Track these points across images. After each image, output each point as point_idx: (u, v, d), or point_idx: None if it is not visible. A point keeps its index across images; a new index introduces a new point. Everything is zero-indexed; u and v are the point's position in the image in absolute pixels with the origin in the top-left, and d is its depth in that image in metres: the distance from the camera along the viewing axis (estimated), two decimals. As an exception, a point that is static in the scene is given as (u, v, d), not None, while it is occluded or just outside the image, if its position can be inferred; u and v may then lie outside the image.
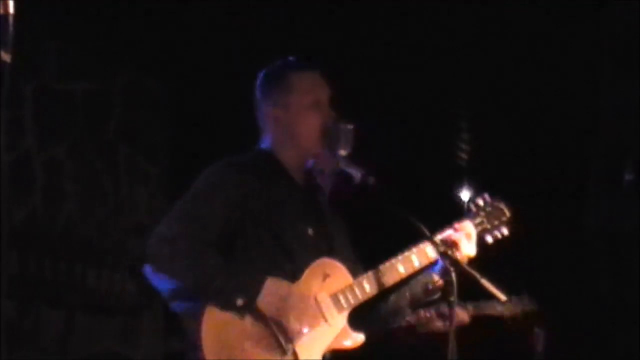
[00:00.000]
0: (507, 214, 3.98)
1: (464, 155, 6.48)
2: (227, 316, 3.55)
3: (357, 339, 3.75)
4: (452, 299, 3.47)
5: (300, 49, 4.19)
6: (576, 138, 6.15)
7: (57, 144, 6.35)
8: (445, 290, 3.59)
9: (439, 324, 4.54)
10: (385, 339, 4.03)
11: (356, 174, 3.72)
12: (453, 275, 3.49)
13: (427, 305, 4.00)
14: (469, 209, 3.94)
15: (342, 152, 3.77)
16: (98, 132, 6.62)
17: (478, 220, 3.93)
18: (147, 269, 3.64)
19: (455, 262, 3.54)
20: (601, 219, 6.12)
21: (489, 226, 3.93)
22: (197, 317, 3.55)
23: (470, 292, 3.73)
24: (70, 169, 6.41)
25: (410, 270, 3.78)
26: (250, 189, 3.71)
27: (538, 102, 6.12)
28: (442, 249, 3.63)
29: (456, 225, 3.84)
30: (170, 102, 6.85)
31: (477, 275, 3.51)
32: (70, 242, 6.32)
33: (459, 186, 6.07)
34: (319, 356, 3.67)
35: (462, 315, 4.18)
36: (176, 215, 3.66)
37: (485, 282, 3.55)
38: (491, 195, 3.99)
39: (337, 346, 3.71)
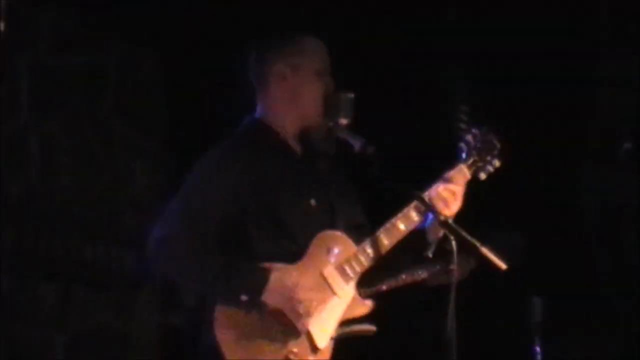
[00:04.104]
0: (497, 145, 3.94)
1: (462, 126, 6.45)
2: (238, 314, 3.55)
3: (366, 305, 3.76)
4: (452, 267, 3.47)
5: (298, 20, 4.19)
6: (572, 110, 6.14)
7: (53, 118, 6.33)
8: (445, 258, 3.59)
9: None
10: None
11: (356, 143, 3.73)
12: (453, 243, 3.49)
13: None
14: (461, 150, 3.91)
15: (343, 121, 3.78)
16: (94, 106, 6.60)
17: (471, 160, 3.90)
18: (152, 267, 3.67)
19: (455, 231, 3.53)
20: (596, 192, 6.13)
21: (481, 164, 3.90)
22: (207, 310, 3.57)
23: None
24: (66, 143, 6.39)
25: (411, 226, 3.77)
26: (254, 170, 3.69)
27: (534, 74, 6.10)
28: (442, 218, 3.62)
29: (446, 176, 3.83)
30: (166, 75, 6.82)
31: (478, 244, 3.50)
32: (66, 216, 6.31)
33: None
34: (333, 330, 3.67)
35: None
36: (173, 211, 3.64)
37: (485, 250, 3.54)
38: (480, 127, 3.96)
39: (349, 316, 3.72)
